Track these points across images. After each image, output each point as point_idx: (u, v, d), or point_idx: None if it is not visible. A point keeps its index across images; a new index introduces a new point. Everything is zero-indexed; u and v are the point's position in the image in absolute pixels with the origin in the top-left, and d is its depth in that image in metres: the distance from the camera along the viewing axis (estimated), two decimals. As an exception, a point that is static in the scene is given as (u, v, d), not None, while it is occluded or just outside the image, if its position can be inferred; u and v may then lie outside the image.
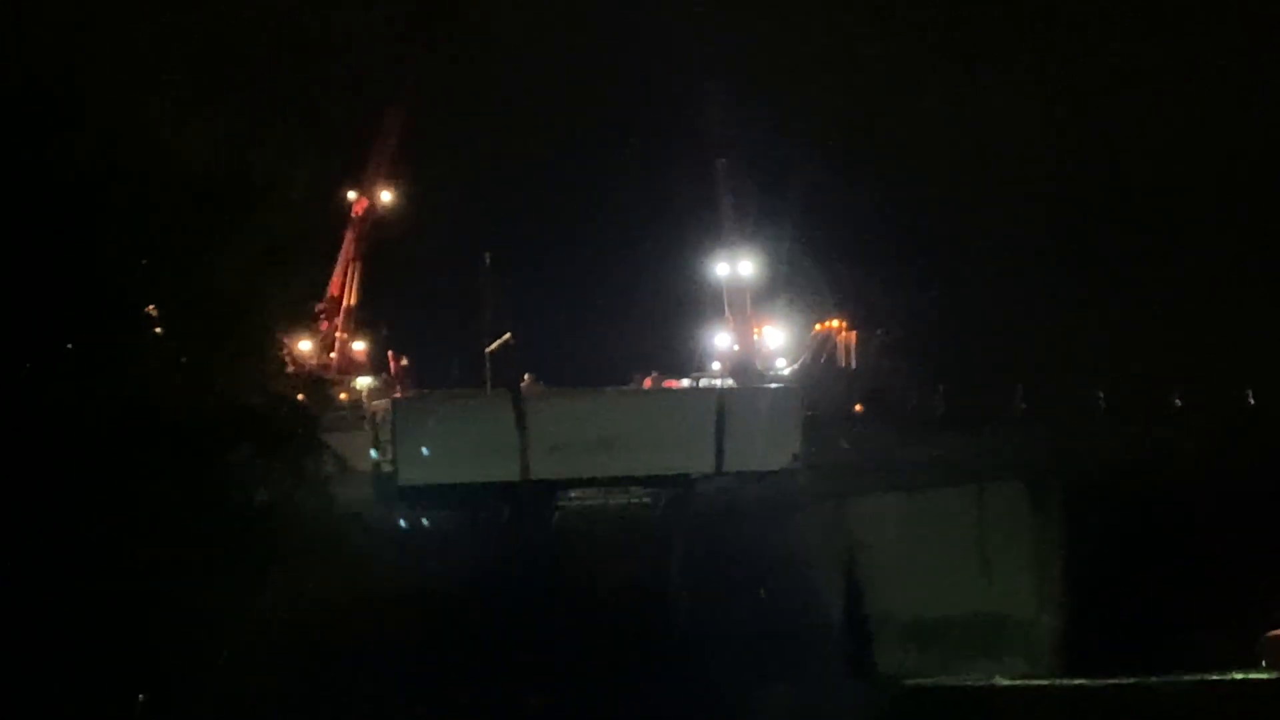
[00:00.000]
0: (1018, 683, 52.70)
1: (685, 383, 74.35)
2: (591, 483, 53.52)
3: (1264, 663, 49.21)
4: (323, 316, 73.23)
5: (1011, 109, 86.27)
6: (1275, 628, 49.63)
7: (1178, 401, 62.16)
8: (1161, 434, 58.31)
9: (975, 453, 55.01)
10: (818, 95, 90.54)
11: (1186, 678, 48.86)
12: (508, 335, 62.86)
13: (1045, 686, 52.07)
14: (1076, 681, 51.17)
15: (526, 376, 62.41)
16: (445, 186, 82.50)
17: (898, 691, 52.14)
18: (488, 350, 63.03)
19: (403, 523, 48.28)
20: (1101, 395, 63.19)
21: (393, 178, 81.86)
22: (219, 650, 24.37)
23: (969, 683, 53.04)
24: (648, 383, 70.68)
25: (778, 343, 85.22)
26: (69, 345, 25.17)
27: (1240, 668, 48.86)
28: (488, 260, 68.55)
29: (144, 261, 26.48)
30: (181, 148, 26.92)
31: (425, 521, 49.26)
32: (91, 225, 25.16)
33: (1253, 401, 61.59)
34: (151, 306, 27.39)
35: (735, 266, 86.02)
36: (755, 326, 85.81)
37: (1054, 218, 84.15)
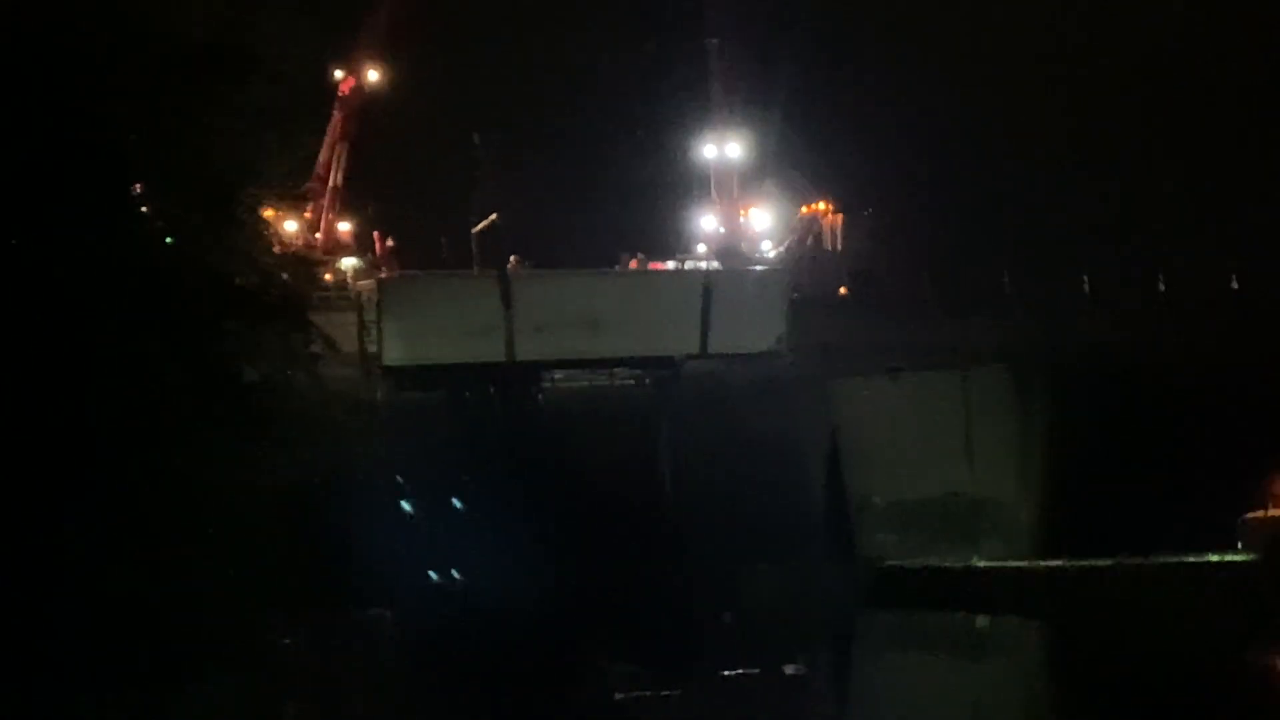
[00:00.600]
0: (995, 564, 53.35)
1: (671, 265, 74.28)
2: (577, 364, 53.66)
3: (1241, 544, 49.81)
4: (309, 195, 72.95)
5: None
6: (1253, 510, 50.18)
7: (1161, 286, 62.09)
8: (1146, 318, 58.42)
9: (961, 336, 55.11)
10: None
11: (1163, 559, 49.50)
12: (494, 216, 62.64)
13: (1022, 568, 52.72)
14: (1053, 563, 51.81)
15: (513, 258, 62.31)
16: (434, 65, 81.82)
17: (878, 571, 52.80)
18: (474, 231, 62.87)
19: (385, 398, 48.44)
20: (1086, 279, 63.08)
21: (381, 56, 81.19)
22: (215, 519, 24.60)
23: (947, 564, 53.69)
24: (633, 264, 70.53)
25: (764, 225, 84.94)
26: (60, 214, 25.10)
27: (1218, 550, 49.48)
28: (476, 140, 68.25)
29: (131, 132, 26.36)
30: (174, 17, 26.76)
31: (409, 400, 49.42)
32: (84, 93, 25.06)
33: (1236, 286, 61.54)
34: (140, 181, 27.37)
35: (723, 148, 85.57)
36: (742, 209, 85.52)
37: (1046, 99, 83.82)
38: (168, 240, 27.90)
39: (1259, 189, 75.28)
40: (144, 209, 27.82)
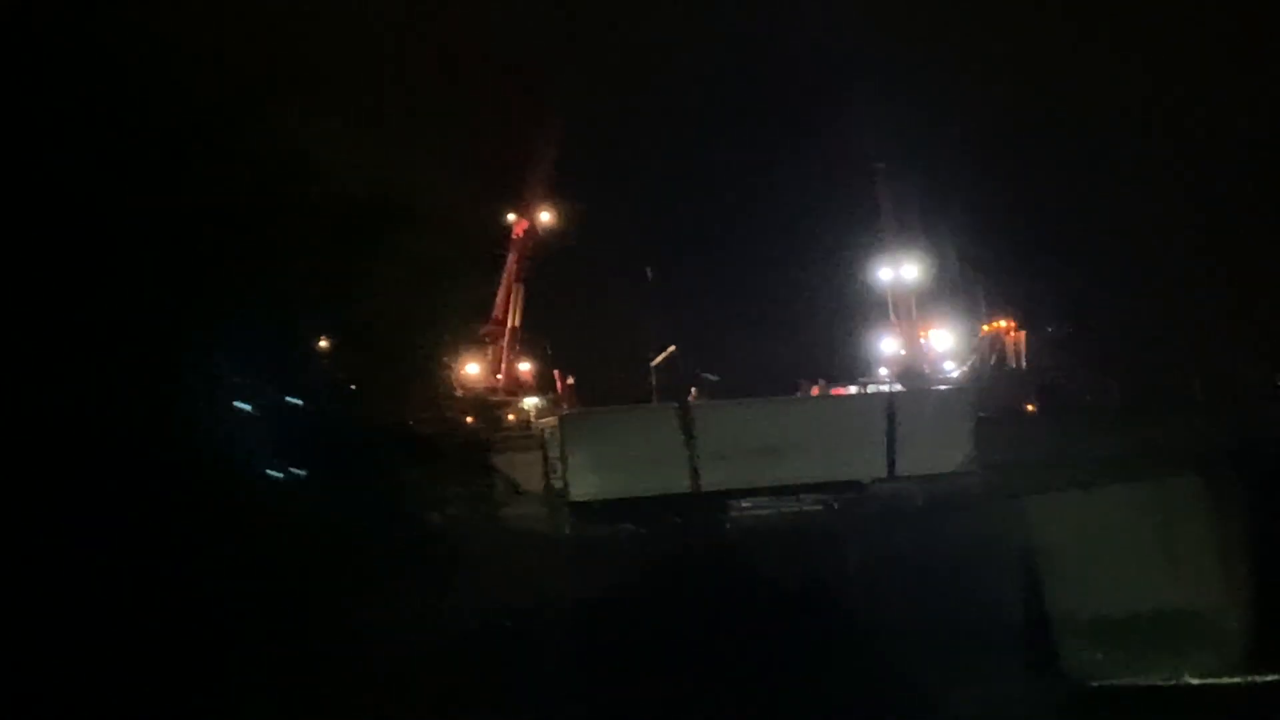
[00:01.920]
0: (1207, 681, 51.54)
1: (853, 389, 73.94)
2: (761, 491, 53.42)
3: None
4: (488, 338, 73.85)
5: (1166, 93, 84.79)
6: None
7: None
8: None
9: (1154, 444, 53.99)
10: (975, 95, 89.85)
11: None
12: (672, 348, 62.96)
13: (1235, 684, 50.85)
14: (1267, 678, 49.97)
15: (693, 390, 62.40)
16: (605, 202, 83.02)
17: (1083, 691, 51.24)
18: (653, 364, 63.15)
19: (572, 534, 48.54)
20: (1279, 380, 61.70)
21: (552, 198, 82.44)
22: (398, 664, 24.55)
23: (1156, 681, 51.99)
24: (814, 391, 70.35)
25: (945, 346, 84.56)
26: (234, 379, 25.43)
27: None
28: (650, 274, 68.87)
29: (306, 291, 26.69)
30: (338, 173, 27.18)
31: (597, 534, 49.48)
32: (252, 256, 25.44)
33: None
34: (318, 336, 27.69)
35: (898, 271, 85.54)
36: (921, 330, 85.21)
37: (1218, 204, 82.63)
38: (351, 388, 28.18)
39: None
40: (325, 362, 28.15)
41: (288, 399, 25.38)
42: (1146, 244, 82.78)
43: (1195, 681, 50.48)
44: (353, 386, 28.14)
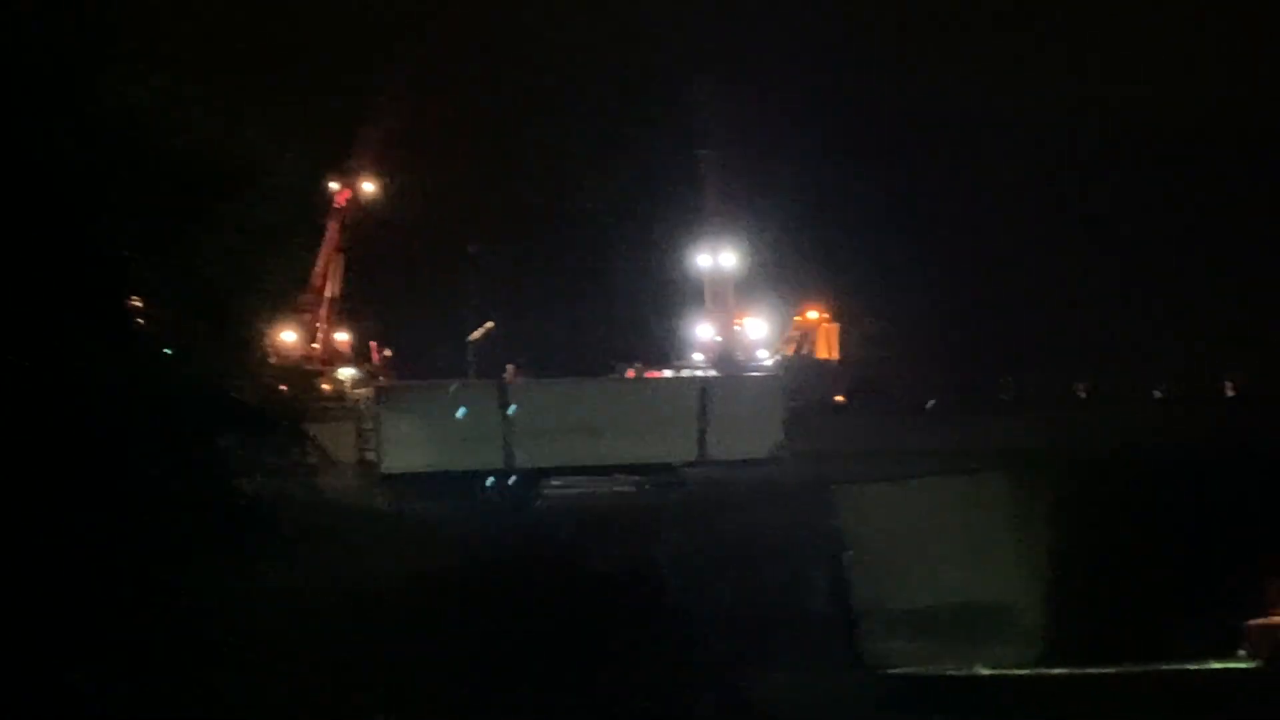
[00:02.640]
0: (1001, 672, 52.84)
1: (668, 373, 74.35)
2: (575, 470, 53.62)
3: (1245, 651, 49.43)
4: (305, 307, 73.07)
5: (1002, 92, 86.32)
6: (1257, 616, 49.84)
7: (1157, 393, 62.31)
8: (1144, 423, 58.49)
9: (962, 442, 55.15)
10: (802, 83, 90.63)
11: (1168, 666, 49.05)
12: (489, 324, 62.95)
13: (1028, 675, 52.20)
14: (1059, 671, 51.33)
15: (509, 367, 62.39)
16: (429, 176, 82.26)
17: (885, 679, 52.25)
18: (470, 339, 63.04)
19: (386, 508, 48.29)
20: (1083, 386, 63.36)
21: (376, 168, 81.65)
22: (219, 636, 24.29)
23: (953, 671, 53.18)
24: (630, 374, 70.64)
25: (760, 334, 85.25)
26: (54, 335, 24.92)
27: (1222, 656, 49.10)
28: (471, 249, 68.64)
29: (129, 248, 26.25)
30: (166, 134, 26.73)
31: (410, 509, 49.25)
32: (76, 214, 24.95)
33: (1231, 393, 61.75)
34: (135, 297, 27.23)
35: (717, 257, 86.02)
36: (737, 318, 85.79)
37: (1042, 207, 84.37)
38: (165, 352, 27.74)
39: (1257, 297, 75.64)
40: (141, 321, 27.69)
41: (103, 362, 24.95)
42: (965, 245, 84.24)
43: (988, 672, 51.86)
44: (166, 350, 27.73)
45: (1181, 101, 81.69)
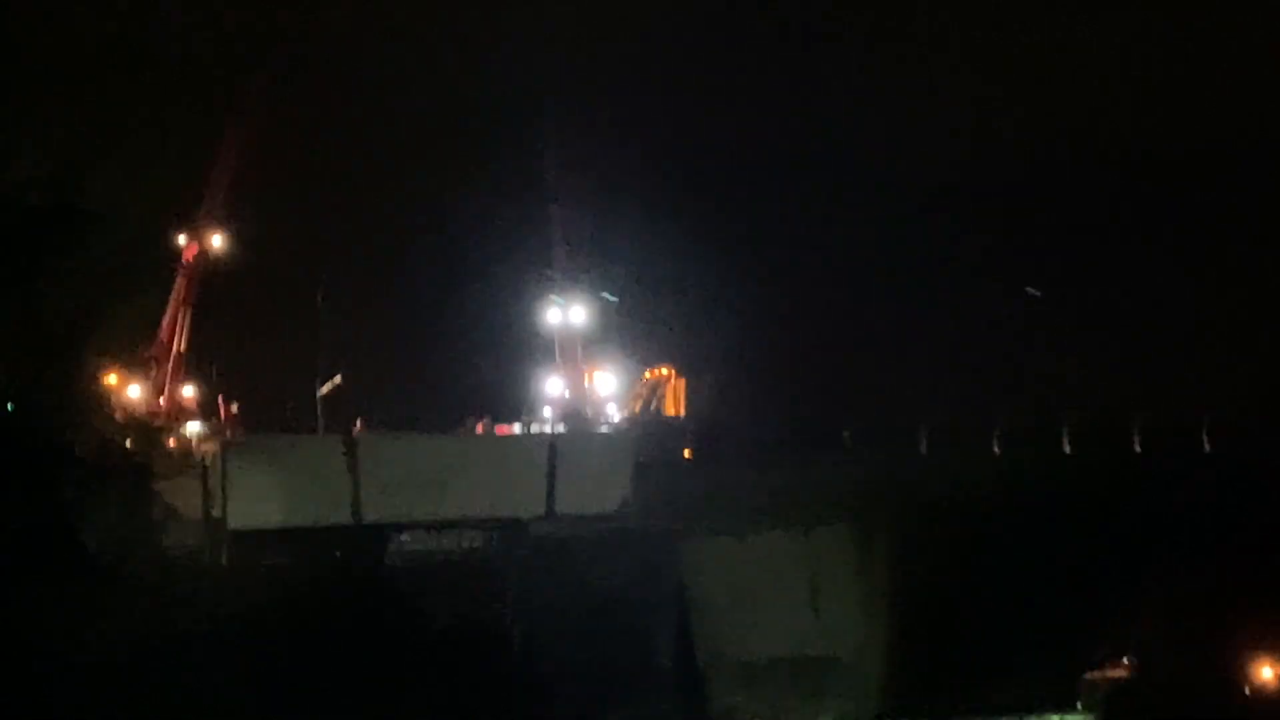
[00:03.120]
0: (840, 724, 53.49)
1: (517, 427, 74.40)
2: (424, 525, 53.50)
3: (1081, 704, 50.55)
4: (152, 361, 72.28)
5: (839, 135, 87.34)
6: (1092, 669, 50.99)
7: (996, 449, 63.16)
8: (980, 470, 59.18)
9: (805, 493, 55.74)
10: (652, 135, 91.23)
11: (1006, 718, 49.99)
12: (338, 378, 62.64)
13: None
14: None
15: (358, 421, 62.13)
16: (278, 228, 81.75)
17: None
18: (319, 394, 62.73)
19: (230, 563, 47.90)
20: (924, 433, 64.04)
21: (224, 222, 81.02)
22: (49, 680, 24.17)
23: (793, 723, 53.76)
24: (480, 427, 70.62)
25: (609, 389, 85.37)
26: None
27: (1059, 709, 50.13)
28: (320, 300, 68.31)
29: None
30: (12, 171, 26.64)
31: (254, 564, 48.92)
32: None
33: (1066, 444, 62.68)
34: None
35: (566, 313, 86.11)
36: (586, 373, 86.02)
37: (886, 252, 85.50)
38: (4, 394, 27.56)
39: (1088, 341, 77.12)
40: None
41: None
42: (802, 291, 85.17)
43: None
44: (7, 404, 27.55)
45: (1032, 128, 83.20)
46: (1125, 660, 51.51)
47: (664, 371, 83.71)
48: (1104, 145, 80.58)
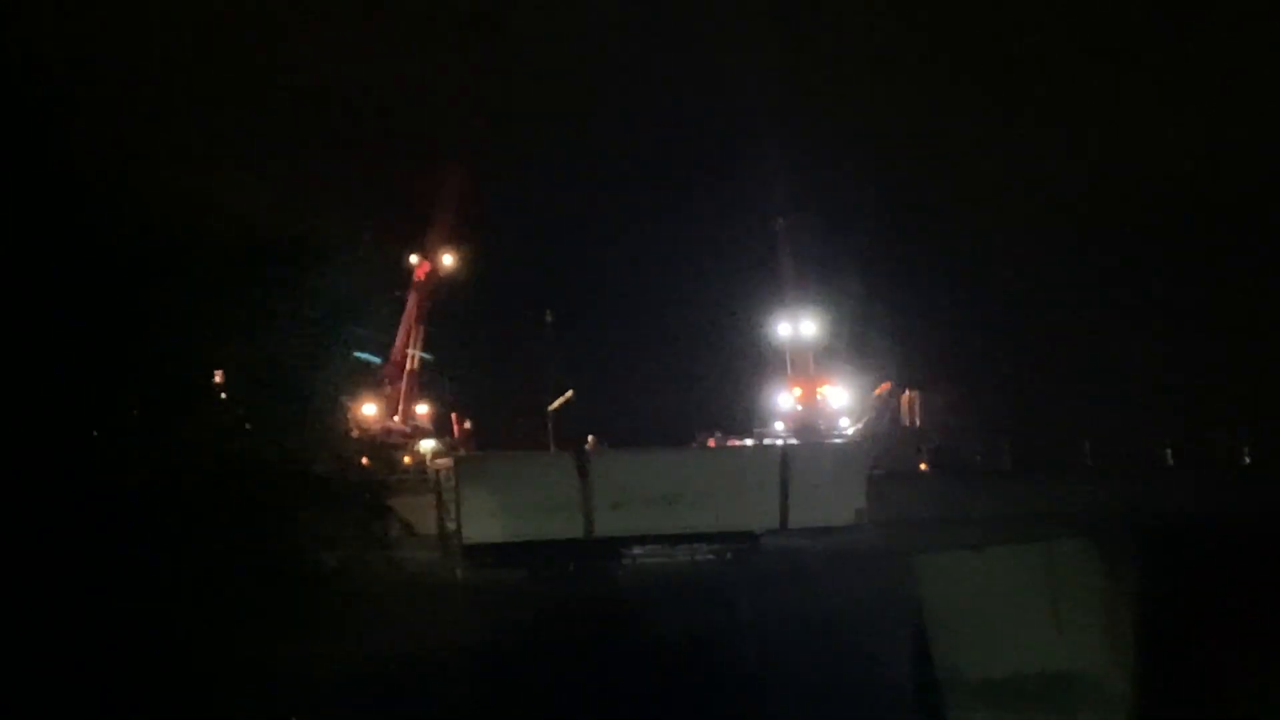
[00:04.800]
0: (1090, 742, 52.17)
1: (749, 442, 74.21)
2: (656, 539, 53.51)
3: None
4: (386, 380, 73.54)
5: (1065, 155, 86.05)
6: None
7: (1246, 459, 61.51)
8: (1230, 488, 57.72)
9: (1043, 507, 54.68)
10: (879, 151, 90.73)
11: (1259, 732, 48.36)
12: (569, 393, 63.09)
13: (1117, 744, 51.54)
14: (1149, 739, 50.64)
15: (590, 438, 62.49)
16: (507, 247, 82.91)
17: (968, 750, 51.69)
18: (550, 408, 63.22)
19: (465, 578, 48.40)
20: (1169, 449, 62.64)
21: (454, 240, 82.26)
22: (289, 711, 24.41)
23: (1040, 741, 52.58)
24: (711, 443, 70.61)
25: (841, 403, 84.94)
26: (135, 412, 25.29)
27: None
28: (549, 318, 68.93)
29: (206, 328, 26.59)
30: (243, 211, 27.14)
31: (490, 579, 49.40)
32: (152, 292, 25.31)
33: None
34: (217, 372, 27.56)
35: (797, 326, 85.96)
36: (818, 386, 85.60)
37: (1118, 269, 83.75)
38: (246, 427, 28.01)
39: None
40: (224, 396, 27.97)
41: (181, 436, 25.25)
42: (1042, 308, 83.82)
43: (1076, 742, 51.32)
44: (248, 425, 27.97)
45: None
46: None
47: (890, 386, 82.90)
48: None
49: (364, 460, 31.11)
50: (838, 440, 74.14)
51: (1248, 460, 61.05)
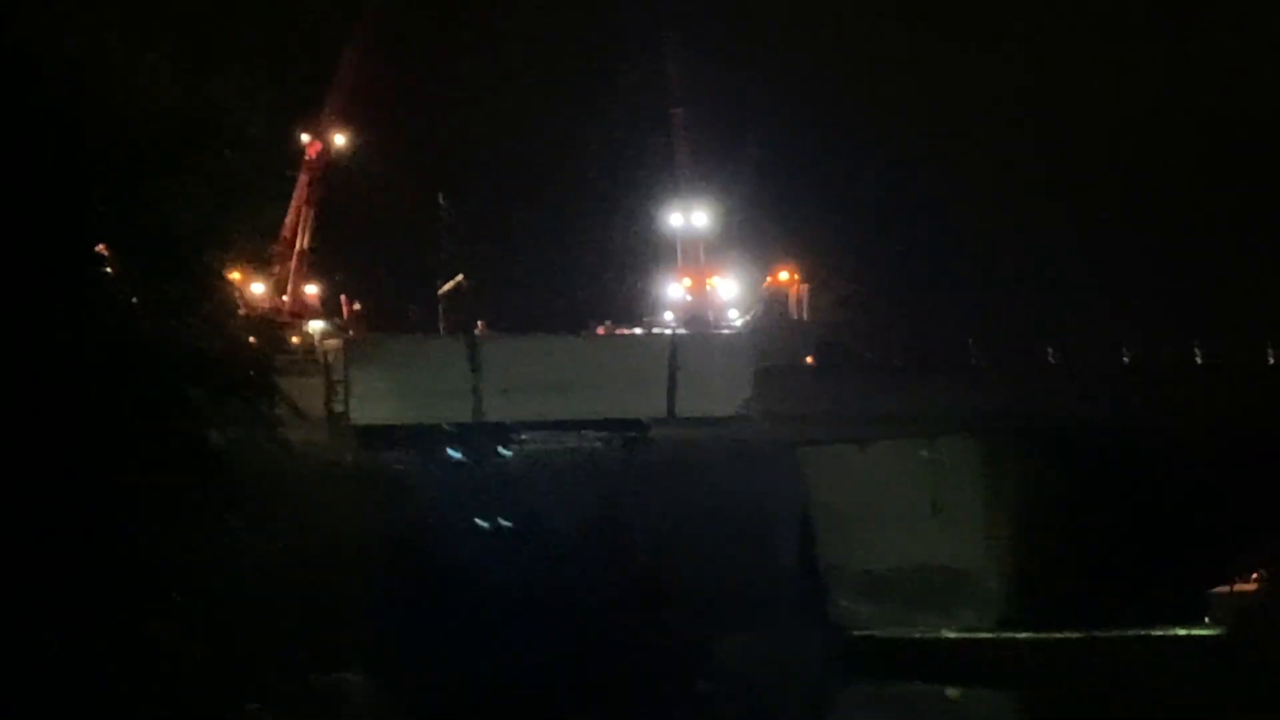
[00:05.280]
0: (965, 635, 53.07)
1: (638, 331, 74.15)
2: (544, 425, 53.53)
3: (1209, 619, 49.76)
4: (275, 259, 72.62)
5: (979, 60, 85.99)
6: (1221, 584, 50.11)
7: (1125, 359, 62.05)
8: (1112, 389, 58.29)
9: (929, 405, 55.07)
10: (776, 41, 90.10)
11: (1132, 632, 49.33)
12: (460, 277, 62.63)
13: (991, 639, 52.46)
14: (1022, 635, 51.58)
15: (480, 324, 62.10)
16: (401, 129, 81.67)
17: (852, 642, 52.41)
18: (441, 292, 62.76)
19: (354, 460, 48.23)
20: (1052, 351, 63.04)
21: (348, 120, 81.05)
22: (186, 585, 24.25)
23: (918, 634, 53.39)
24: (601, 331, 70.46)
25: (731, 294, 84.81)
26: (19, 283, 24.76)
27: (1185, 622, 49.37)
28: (442, 201, 68.22)
29: (97, 199, 26.07)
30: (136, 83, 26.52)
31: (377, 462, 49.25)
32: (44, 160, 24.75)
33: (1200, 360, 61.40)
34: (104, 245, 27.03)
35: (689, 217, 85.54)
36: (708, 277, 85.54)
37: (1016, 171, 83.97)
38: (132, 302, 27.54)
39: (1221, 266, 75.54)
40: (108, 271, 27.48)
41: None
42: (937, 204, 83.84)
43: (954, 635, 52.02)
44: (134, 300, 27.51)
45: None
46: (1256, 575, 50.60)
47: (787, 276, 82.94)
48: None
49: (251, 340, 30.69)
50: (726, 332, 74.17)
51: (1126, 359, 61.59)
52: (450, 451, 50.89)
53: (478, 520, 37.56)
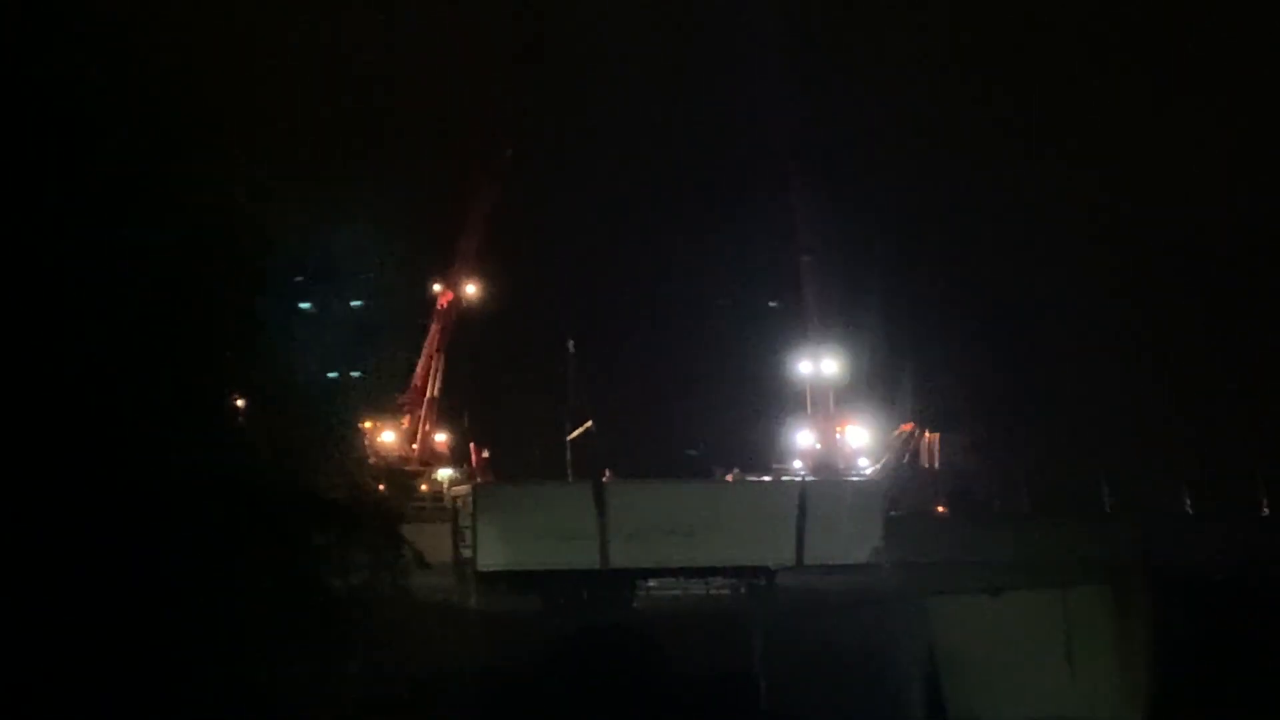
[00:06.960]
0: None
1: (766, 479, 74.06)
2: (671, 572, 53.44)
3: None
4: (405, 407, 73.54)
5: (1091, 199, 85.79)
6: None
7: (1265, 509, 61.12)
8: (1250, 537, 57.37)
9: (1060, 551, 54.42)
10: (905, 194, 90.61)
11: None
12: (589, 423, 63.09)
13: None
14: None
15: (607, 472, 62.40)
16: (531, 279, 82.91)
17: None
18: (569, 438, 63.22)
19: (478, 605, 48.37)
20: (1188, 498, 62.31)
21: (478, 270, 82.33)
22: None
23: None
24: (729, 478, 70.47)
25: (860, 442, 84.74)
26: (153, 428, 25.22)
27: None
28: (570, 347, 68.96)
29: (228, 349, 26.58)
30: (267, 225, 27.08)
31: (503, 606, 49.34)
32: (176, 311, 25.28)
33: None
34: (236, 395, 27.52)
35: (818, 365, 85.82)
36: (838, 425, 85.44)
37: (1143, 315, 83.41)
38: (259, 448, 27.93)
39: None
40: (241, 419, 27.93)
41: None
42: (1064, 350, 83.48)
43: (1089, 788, 50.83)
44: (262, 446, 27.91)
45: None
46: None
47: (915, 425, 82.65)
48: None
49: (380, 487, 31.06)
50: (856, 479, 73.87)
51: (1266, 511, 60.66)
52: (574, 597, 50.93)
53: (596, 665, 37.41)
